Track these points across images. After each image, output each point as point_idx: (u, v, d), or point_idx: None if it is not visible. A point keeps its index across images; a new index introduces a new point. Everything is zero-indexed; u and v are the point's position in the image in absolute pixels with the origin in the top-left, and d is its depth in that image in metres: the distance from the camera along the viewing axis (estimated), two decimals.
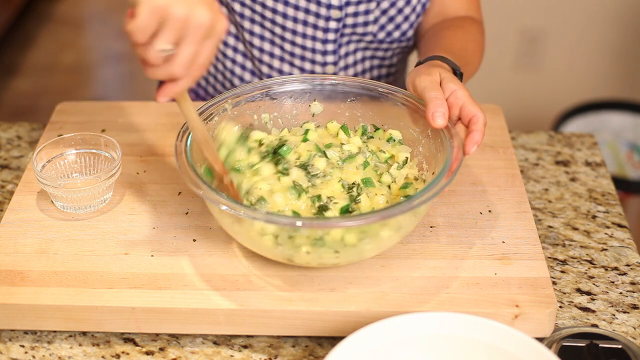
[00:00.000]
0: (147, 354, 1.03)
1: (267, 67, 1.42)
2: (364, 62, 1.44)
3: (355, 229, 1.00)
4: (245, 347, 1.04)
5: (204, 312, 1.02)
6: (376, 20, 1.38)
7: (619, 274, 1.13)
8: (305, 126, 1.18)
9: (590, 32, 2.81)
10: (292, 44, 1.39)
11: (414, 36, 1.43)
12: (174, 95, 0.98)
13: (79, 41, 3.95)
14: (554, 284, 1.12)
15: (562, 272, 1.14)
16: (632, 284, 1.12)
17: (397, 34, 1.40)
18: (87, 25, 4.10)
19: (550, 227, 1.21)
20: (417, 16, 1.40)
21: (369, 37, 1.39)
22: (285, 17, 1.36)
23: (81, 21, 4.10)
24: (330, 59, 1.40)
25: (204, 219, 1.14)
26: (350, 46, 1.40)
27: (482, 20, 1.44)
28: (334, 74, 1.40)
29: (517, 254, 1.08)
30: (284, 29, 1.37)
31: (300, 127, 1.19)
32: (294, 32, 1.37)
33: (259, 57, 1.42)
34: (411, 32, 1.42)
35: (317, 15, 1.35)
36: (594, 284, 1.12)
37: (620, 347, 1.01)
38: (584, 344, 1.01)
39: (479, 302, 1.02)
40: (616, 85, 2.89)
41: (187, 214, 1.15)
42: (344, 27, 1.37)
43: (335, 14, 1.35)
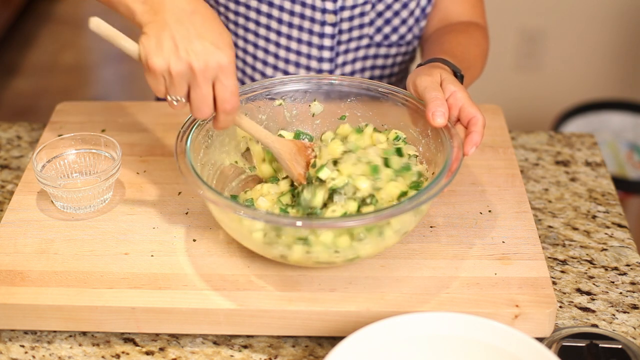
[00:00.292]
0: (147, 354, 1.03)
1: (260, 74, 1.41)
2: (364, 72, 1.43)
3: (357, 229, 1.00)
4: (245, 347, 1.04)
5: (204, 312, 1.02)
6: (372, 22, 1.37)
7: (619, 274, 1.13)
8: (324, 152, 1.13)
9: (590, 32, 2.81)
10: (287, 49, 1.38)
11: (414, 42, 1.43)
12: (225, 125, 1.04)
13: (79, 41, 3.95)
14: (554, 284, 1.12)
15: (562, 272, 1.14)
16: (632, 284, 1.12)
17: (394, 37, 1.40)
18: (87, 25, 4.08)
19: (550, 227, 1.21)
20: (416, 20, 1.40)
21: (365, 40, 1.39)
22: (280, 22, 1.36)
23: (81, 21, 4.10)
24: (326, 66, 1.39)
25: (204, 219, 1.14)
26: (348, 55, 1.40)
27: (486, 26, 1.44)
28: (333, 74, 1.40)
29: (517, 254, 1.08)
30: (279, 34, 1.37)
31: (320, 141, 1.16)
32: (289, 37, 1.37)
33: (252, 65, 1.41)
34: (410, 36, 1.41)
35: (312, 20, 1.34)
36: (594, 284, 1.12)
37: (620, 347, 1.01)
38: (584, 344, 1.01)
39: (479, 302, 1.02)
40: (616, 85, 2.89)
41: (187, 214, 1.15)
42: (340, 33, 1.36)
43: (330, 18, 1.34)
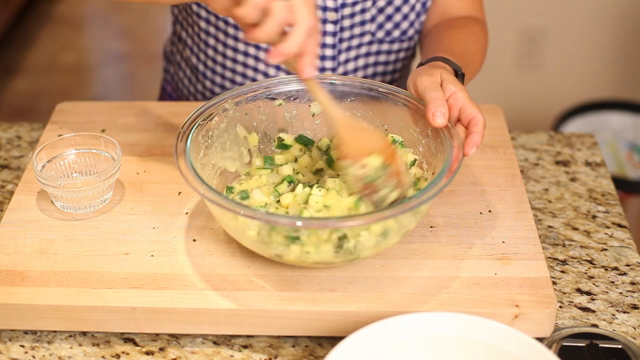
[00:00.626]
0: (147, 354, 1.03)
1: (263, 75, 1.41)
2: (366, 69, 1.42)
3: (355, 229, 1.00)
4: (245, 347, 1.04)
5: (204, 312, 1.02)
6: (373, 18, 1.37)
7: (619, 274, 1.13)
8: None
9: (590, 32, 2.81)
10: None
11: (416, 36, 1.43)
12: (316, 57, 1.01)
13: (79, 41, 3.95)
14: (554, 284, 1.11)
15: (562, 272, 1.14)
16: (632, 284, 1.12)
17: (396, 33, 1.40)
18: (87, 25, 4.10)
19: (550, 227, 1.21)
20: (417, 15, 1.40)
21: (367, 37, 1.39)
22: None
23: (81, 21, 4.10)
24: (328, 65, 1.39)
25: (204, 219, 1.14)
26: (350, 52, 1.39)
27: (484, 20, 1.44)
28: (334, 74, 1.40)
29: (517, 254, 1.08)
30: None
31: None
32: None
33: (254, 66, 1.41)
34: (412, 31, 1.41)
35: None
36: (594, 284, 1.12)
37: (620, 347, 1.01)
38: (584, 344, 1.01)
39: (479, 302, 1.02)
40: (616, 85, 2.89)
41: (187, 214, 1.15)
42: (342, 30, 1.36)
43: (331, 16, 1.34)
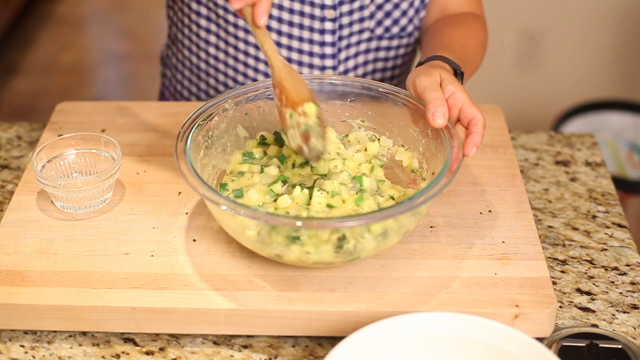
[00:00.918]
0: (147, 354, 1.03)
1: (263, 75, 1.41)
2: (366, 65, 1.43)
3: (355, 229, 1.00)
4: (245, 347, 1.04)
5: (204, 312, 1.02)
6: (372, 15, 1.37)
7: (619, 274, 1.13)
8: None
9: (590, 32, 2.81)
10: (289, 49, 1.38)
11: (415, 33, 1.43)
12: (269, 9, 1.01)
13: (79, 41, 3.95)
14: (554, 284, 1.11)
15: (562, 272, 1.14)
16: (632, 284, 1.12)
17: (395, 29, 1.40)
18: (87, 25, 4.10)
19: (550, 227, 1.21)
20: (416, 11, 1.40)
21: (366, 34, 1.39)
22: (280, 21, 1.35)
23: (81, 21, 4.10)
24: (329, 63, 1.39)
25: (204, 219, 1.14)
26: (350, 50, 1.40)
27: (483, 15, 1.43)
28: (339, 74, 1.40)
29: (517, 254, 1.08)
30: (279, 34, 1.37)
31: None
32: (290, 36, 1.37)
33: (254, 66, 1.41)
34: (411, 28, 1.41)
35: (312, 17, 1.34)
36: (594, 284, 1.12)
37: (620, 347, 1.01)
38: (584, 344, 1.01)
39: (479, 302, 1.02)
40: (616, 85, 2.89)
41: (187, 214, 1.15)
42: (341, 28, 1.36)
43: (329, 14, 1.34)
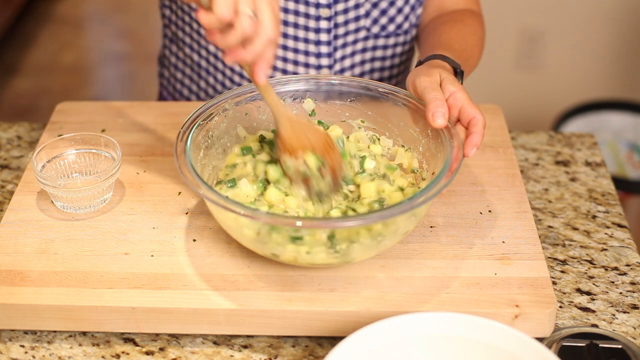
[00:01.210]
0: (147, 354, 1.03)
1: None
2: (363, 64, 1.42)
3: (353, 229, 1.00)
4: (245, 347, 1.04)
5: (204, 312, 1.02)
6: (368, 13, 1.37)
7: (619, 274, 1.13)
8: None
9: (590, 32, 2.81)
10: (284, 48, 1.38)
11: (412, 30, 1.43)
12: (270, 65, 1.01)
13: (79, 41, 3.95)
14: (554, 284, 1.11)
15: (562, 272, 1.14)
16: (632, 284, 1.12)
17: (391, 27, 1.40)
18: (87, 25, 4.10)
19: (550, 227, 1.21)
20: (412, 8, 1.40)
21: (362, 33, 1.39)
22: None
23: (81, 21, 4.10)
24: (324, 62, 1.39)
25: (204, 219, 1.14)
26: (346, 49, 1.39)
27: (481, 12, 1.43)
28: (335, 74, 1.40)
29: (517, 254, 1.08)
30: None
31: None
32: (285, 35, 1.36)
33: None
34: (407, 25, 1.41)
35: (307, 16, 1.34)
36: (594, 284, 1.12)
37: (620, 347, 1.01)
38: (584, 344, 1.01)
39: (479, 302, 1.02)
40: (616, 85, 2.89)
41: (187, 214, 1.15)
42: (336, 27, 1.36)
43: (324, 12, 1.34)
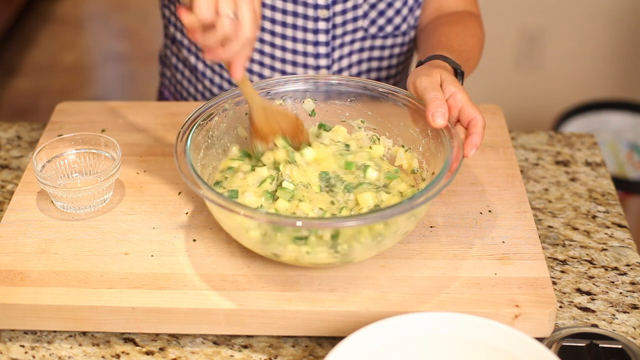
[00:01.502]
0: (147, 354, 1.03)
1: (258, 76, 1.41)
2: (360, 64, 1.42)
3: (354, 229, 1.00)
4: (245, 347, 1.04)
5: (204, 312, 1.02)
6: (365, 14, 1.37)
7: (619, 274, 1.13)
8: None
9: (590, 32, 2.81)
10: (283, 49, 1.38)
11: (410, 32, 1.43)
12: (245, 64, 1.03)
13: (79, 41, 3.95)
14: (554, 284, 1.11)
15: (562, 272, 1.14)
16: (632, 284, 1.12)
17: (389, 28, 1.40)
18: (87, 25, 4.10)
19: (550, 227, 1.21)
20: (410, 10, 1.40)
21: (360, 33, 1.39)
22: (273, 22, 1.35)
23: (81, 21, 4.10)
24: (323, 62, 1.39)
25: (204, 219, 1.14)
26: (344, 49, 1.39)
27: (479, 13, 1.43)
28: (334, 74, 1.40)
29: (517, 254, 1.08)
30: (273, 34, 1.37)
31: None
32: (284, 36, 1.37)
33: (249, 67, 1.41)
34: (405, 26, 1.41)
35: (305, 17, 1.34)
36: (594, 284, 1.12)
37: (620, 347, 1.01)
38: (584, 344, 1.01)
39: (479, 302, 1.02)
40: (616, 85, 2.89)
41: (187, 214, 1.15)
42: (334, 28, 1.36)
43: (323, 13, 1.34)
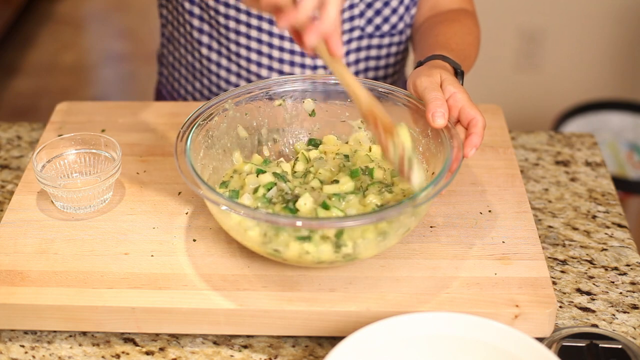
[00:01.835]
0: (147, 354, 1.03)
1: (256, 76, 1.41)
2: (357, 64, 1.43)
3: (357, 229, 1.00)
4: (245, 347, 1.04)
5: (204, 312, 1.02)
6: (362, 13, 1.37)
7: (619, 274, 1.13)
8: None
9: (590, 32, 2.81)
10: (280, 49, 1.38)
11: (406, 30, 1.43)
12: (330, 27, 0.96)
13: (79, 41, 3.95)
14: (554, 284, 1.11)
15: (562, 272, 1.14)
16: (632, 284, 1.12)
17: (386, 27, 1.40)
18: (87, 25, 4.10)
19: (550, 227, 1.21)
20: (407, 8, 1.40)
21: (357, 32, 1.39)
22: (271, 23, 1.35)
23: (81, 21, 4.10)
24: (320, 62, 1.39)
25: (204, 219, 1.14)
26: None
27: (474, 10, 1.43)
28: (332, 74, 1.40)
29: (517, 254, 1.08)
30: (270, 35, 1.37)
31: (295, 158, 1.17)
32: (281, 37, 1.37)
33: (246, 67, 1.41)
34: (402, 25, 1.41)
35: None
36: (594, 284, 1.12)
37: (620, 347, 1.01)
38: (584, 344, 1.01)
39: (479, 302, 1.02)
40: (616, 85, 2.89)
41: (187, 214, 1.15)
42: None
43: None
